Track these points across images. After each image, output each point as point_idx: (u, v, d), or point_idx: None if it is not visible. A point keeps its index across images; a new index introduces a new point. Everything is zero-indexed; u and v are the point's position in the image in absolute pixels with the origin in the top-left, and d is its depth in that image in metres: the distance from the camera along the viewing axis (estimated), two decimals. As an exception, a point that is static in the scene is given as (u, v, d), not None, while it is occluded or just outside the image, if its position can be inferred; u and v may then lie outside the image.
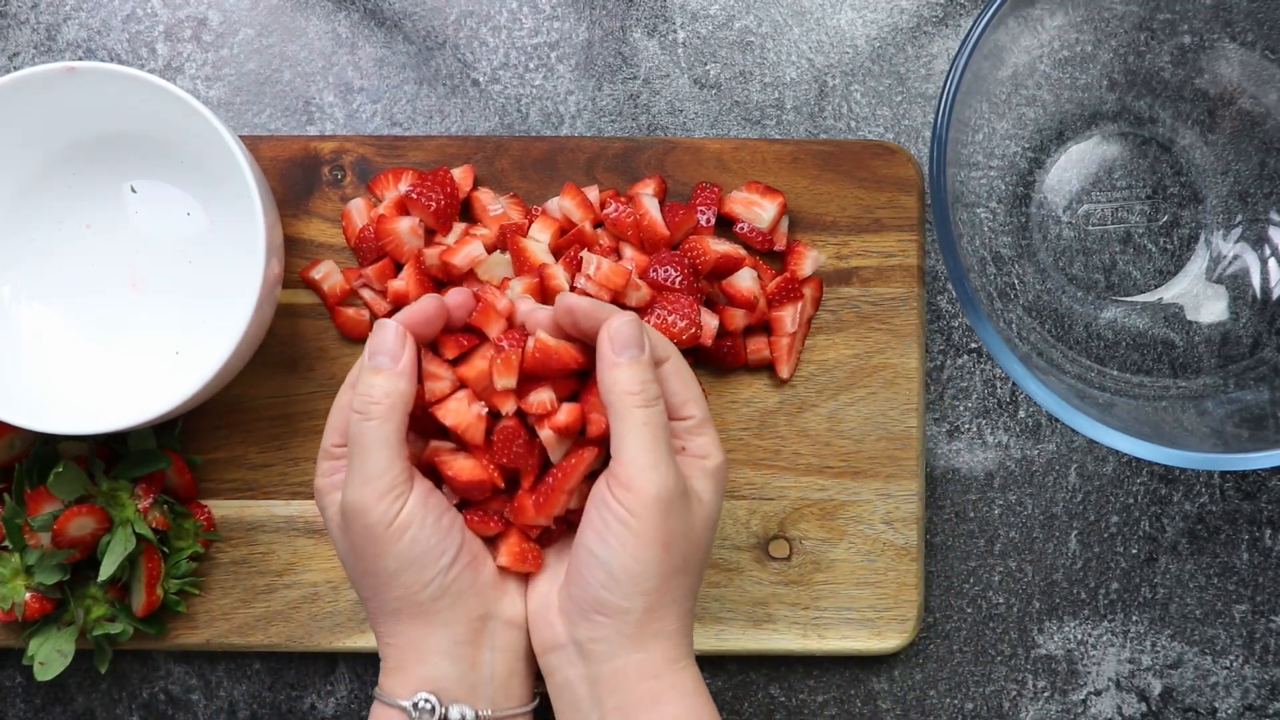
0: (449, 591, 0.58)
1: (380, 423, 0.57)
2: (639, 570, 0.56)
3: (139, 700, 0.75)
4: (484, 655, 0.59)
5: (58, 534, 0.68)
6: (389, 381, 0.57)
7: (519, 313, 0.61)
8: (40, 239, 0.73)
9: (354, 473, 0.57)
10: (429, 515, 0.58)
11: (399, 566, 0.57)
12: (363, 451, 0.57)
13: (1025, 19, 0.68)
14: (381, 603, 0.58)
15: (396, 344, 0.58)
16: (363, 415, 0.57)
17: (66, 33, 0.77)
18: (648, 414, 0.57)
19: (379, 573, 0.57)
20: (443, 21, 0.77)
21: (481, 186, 0.74)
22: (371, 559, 0.57)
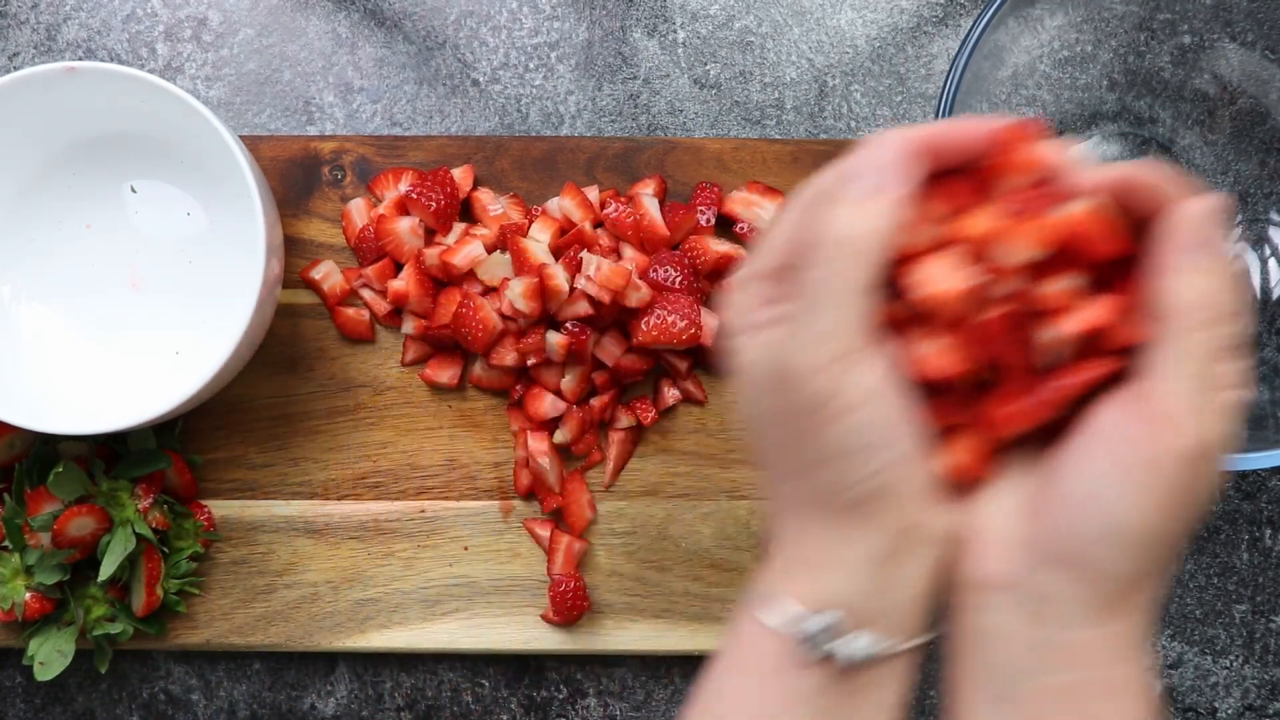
0: (885, 492, 0.44)
1: (850, 268, 0.43)
2: (1150, 532, 0.43)
3: (139, 700, 0.75)
4: (898, 575, 0.46)
5: (58, 534, 0.68)
6: (873, 218, 0.43)
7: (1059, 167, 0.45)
8: (40, 239, 0.73)
9: (804, 325, 0.44)
10: (885, 396, 0.44)
11: (834, 453, 0.44)
12: (819, 302, 0.43)
13: (1025, 19, 0.68)
14: (794, 490, 0.46)
15: (897, 166, 0.43)
16: (828, 256, 0.43)
17: (66, 33, 0.77)
18: (1209, 340, 0.43)
19: (804, 454, 0.45)
20: (443, 21, 0.77)
21: (481, 186, 0.74)
22: (800, 436, 0.44)
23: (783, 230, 0.46)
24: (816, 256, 0.44)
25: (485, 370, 0.73)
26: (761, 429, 0.46)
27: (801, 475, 0.45)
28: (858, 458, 0.44)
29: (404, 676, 0.75)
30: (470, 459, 0.73)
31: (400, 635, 0.73)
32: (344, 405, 0.74)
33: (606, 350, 0.71)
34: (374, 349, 0.74)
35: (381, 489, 0.73)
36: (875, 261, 0.43)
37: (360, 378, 0.74)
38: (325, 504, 0.73)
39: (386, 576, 0.73)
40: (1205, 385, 0.43)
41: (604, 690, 0.75)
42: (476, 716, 0.75)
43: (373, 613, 0.73)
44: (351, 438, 0.74)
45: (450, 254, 0.71)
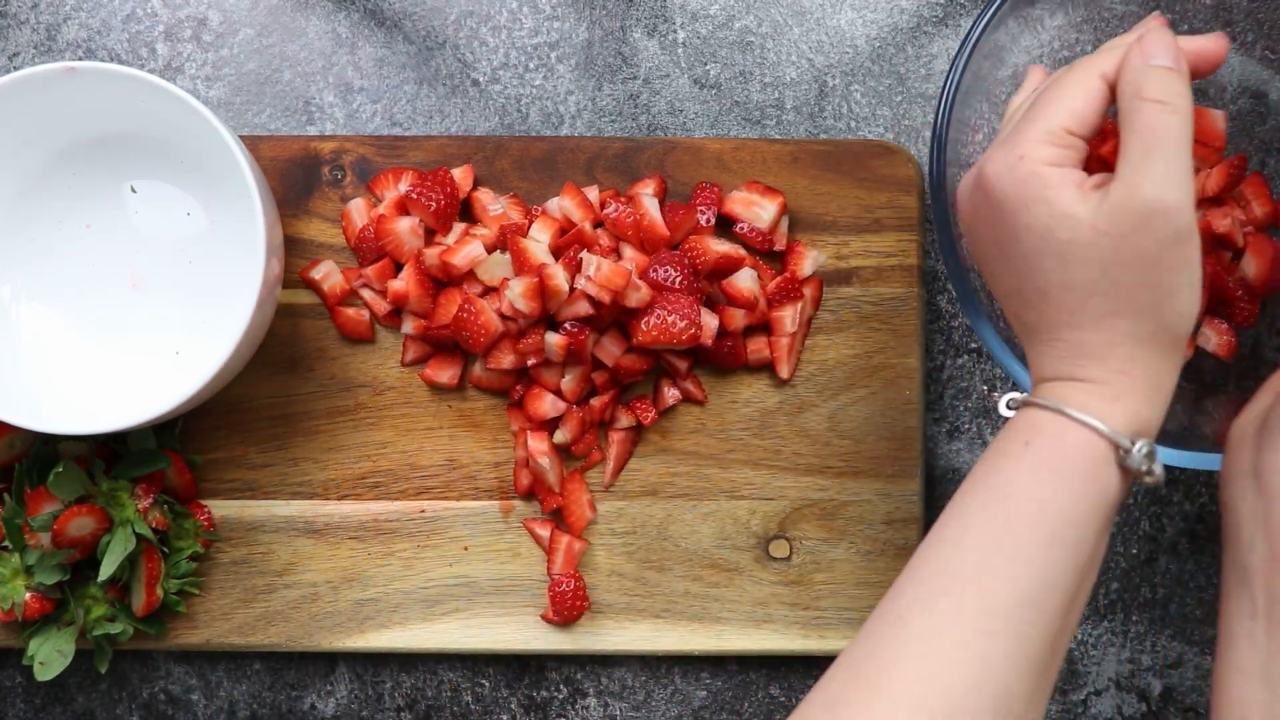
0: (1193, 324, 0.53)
1: (1186, 119, 0.50)
2: None
3: (139, 700, 0.75)
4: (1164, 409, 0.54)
5: (58, 534, 0.68)
6: (1183, 84, 0.51)
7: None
8: (40, 239, 0.73)
9: (1157, 167, 0.50)
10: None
11: (1178, 285, 0.51)
12: (1170, 146, 0.50)
13: (1025, 19, 0.68)
14: (1132, 324, 0.51)
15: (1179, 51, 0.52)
16: (1165, 107, 0.50)
17: (66, 33, 0.77)
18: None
19: (1153, 291, 0.51)
20: (443, 21, 0.77)
21: (481, 186, 0.74)
22: (1159, 269, 0.50)
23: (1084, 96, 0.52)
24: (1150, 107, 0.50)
25: (485, 370, 0.73)
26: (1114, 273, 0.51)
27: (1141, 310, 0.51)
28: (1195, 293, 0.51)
29: (404, 676, 0.75)
30: (470, 459, 0.73)
31: (400, 635, 0.73)
32: (344, 405, 0.74)
33: (606, 350, 0.71)
34: (374, 349, 0.74)
35: (381, 489, 0.73)
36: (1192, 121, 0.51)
37: (360, 378, 0.74)
38: (325, 504, 0.73)
39: (386, 576, 0.73)
40: None
41: (604, 690, 0.75)
42: (476, 716, 0.75)
43: (373, 613, 0.73)
44: (351, 438, 0.74)
45: (450, 254, 0.71)
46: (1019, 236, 0.52)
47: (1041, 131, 0.52)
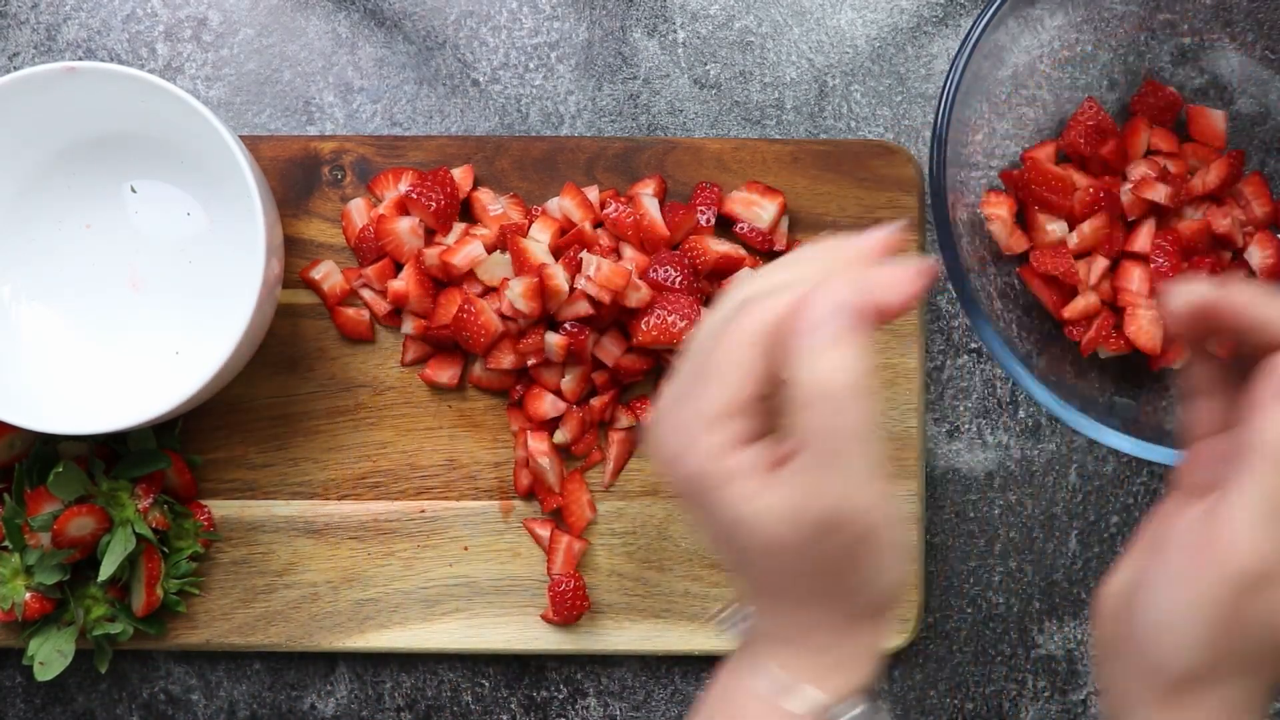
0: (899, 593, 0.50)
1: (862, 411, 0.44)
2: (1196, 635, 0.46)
3: (139, 700, 0.75)
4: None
5: (58, 534, 0.68)
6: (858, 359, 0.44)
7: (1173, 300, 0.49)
8: (40, 239, 0.73)
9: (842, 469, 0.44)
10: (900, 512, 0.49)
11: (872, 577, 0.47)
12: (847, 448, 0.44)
13: (1025, 19, 0.68)
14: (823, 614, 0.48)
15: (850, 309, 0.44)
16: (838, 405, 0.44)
17: (66, 33, 0.77)
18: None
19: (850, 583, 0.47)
20: (443, 21, 0.77)
21: (481, 186, 0.74)
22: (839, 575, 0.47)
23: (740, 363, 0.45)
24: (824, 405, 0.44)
25: (485, 370, 0.73)
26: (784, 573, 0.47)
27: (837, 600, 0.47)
28: (896, 571, 0.48)
29: (404, 676, 0.75)
30: (470, 459, 0.73)
31: (400, 635, 0.73)
32: (344, 405, 0.74)
33: (606, 350, 0.71)
34: (374, 349, 0.74)
35: (381, 489, 0.73)
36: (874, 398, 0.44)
37: (360, 378, 0.74)
38: (325, 504, 0.73)
39: (386, 576, 0.73)
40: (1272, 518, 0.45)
41: (604, 690, 0.75)
42: (476, 716, 0.75)
43: (373, 613, 0.73)
44: (351, 438, 0.74)
45: (450, 254, 0.70)
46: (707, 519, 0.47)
47: (705, 415, 0.45)
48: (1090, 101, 0.72)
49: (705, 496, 0.46)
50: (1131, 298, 0.71)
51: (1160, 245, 0.70)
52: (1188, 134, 0.73)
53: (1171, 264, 0.69)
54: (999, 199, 0.71)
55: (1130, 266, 0.71)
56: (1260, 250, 0.71)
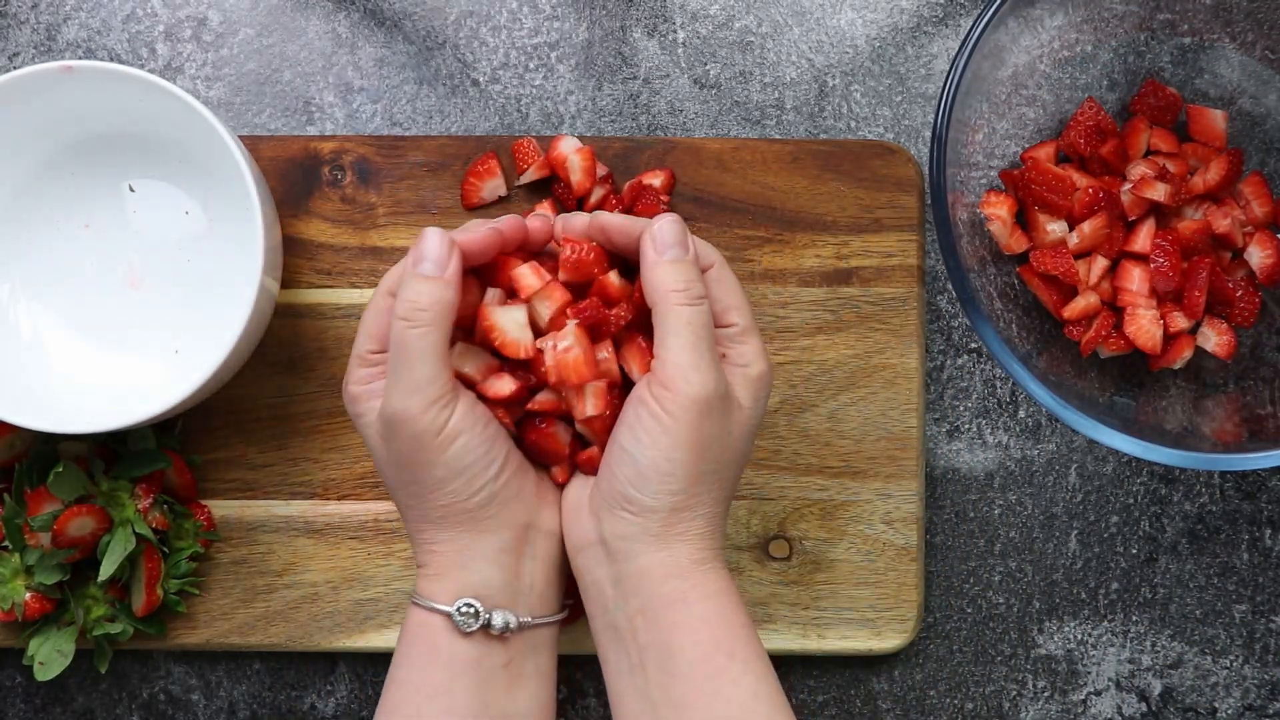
0: (497, 499, 0.58)
1: (427, 330, 0.56)
2: (668, 469, 0.56)
3: (139, 700, 0.75)
4: (525, 564, 0.59)
5: (58, 534, 0.68)
6: (436, 289, 0.56)
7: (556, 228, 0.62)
8: (39, 238, 0.73)
9: (398, 381, 0.56)
10: (477, 423, 0.57)
11: (447, 474, 0.57)
12: (408, 360, 0.56)
13: (1025, 19, 0.68)
14: (425, 510, 0.58)
15: (443, 252, 0.57)
16: (408, 322, 0.56)
17: (66, 33, 0.77)
18: (691, 313, 0.57)
19: (425, 481, 0.57)
20: (443, 21, 0.77)
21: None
22: (418, 467, 0.57)
23: (374, 316, 0.59)
24: (400, 324, 0.56)
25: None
26: (391, 471, 0.58)
27: (432, 496, 0.57)
28: (467, 475, 0.57)
29: (404, 676, 0.75)
30: (470, 459, 0.73)
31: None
32: (344, 405, 0.74)
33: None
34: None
35: (381, 489, 0.73)
36: (447, 320, 0.56)
37: (360, 378, 0.74)
38: (325, 504, 0.73)
39: (386, 576, 0.73)
40: (694, 347, 0.56)
41: (604, 690, 0.75)
42: (476, 716, 0.75)
43: (373, 613, 0.73)
44: (351, 438, 0.74)
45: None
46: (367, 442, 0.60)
47: (354, 358, 0.60)
48: (1090, 101, 0.72)
49: (356, 416, 0.60)
50: (1131, 298, 0.71)
51: (1160, 245, 0.70)
52: (1188, 134, 0.73)
53: (1171, 264, 0.70)
54: (999, 199, 0.71)
55: (1130, 266, 0.71)
56: (1260, 250, 0.71)
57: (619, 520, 0.57)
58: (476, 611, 0.57)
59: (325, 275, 0.74)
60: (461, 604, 0.57)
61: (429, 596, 0.58)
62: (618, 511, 0.57)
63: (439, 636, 0.58)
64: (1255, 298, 0.71)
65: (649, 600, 0.57)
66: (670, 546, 0.57)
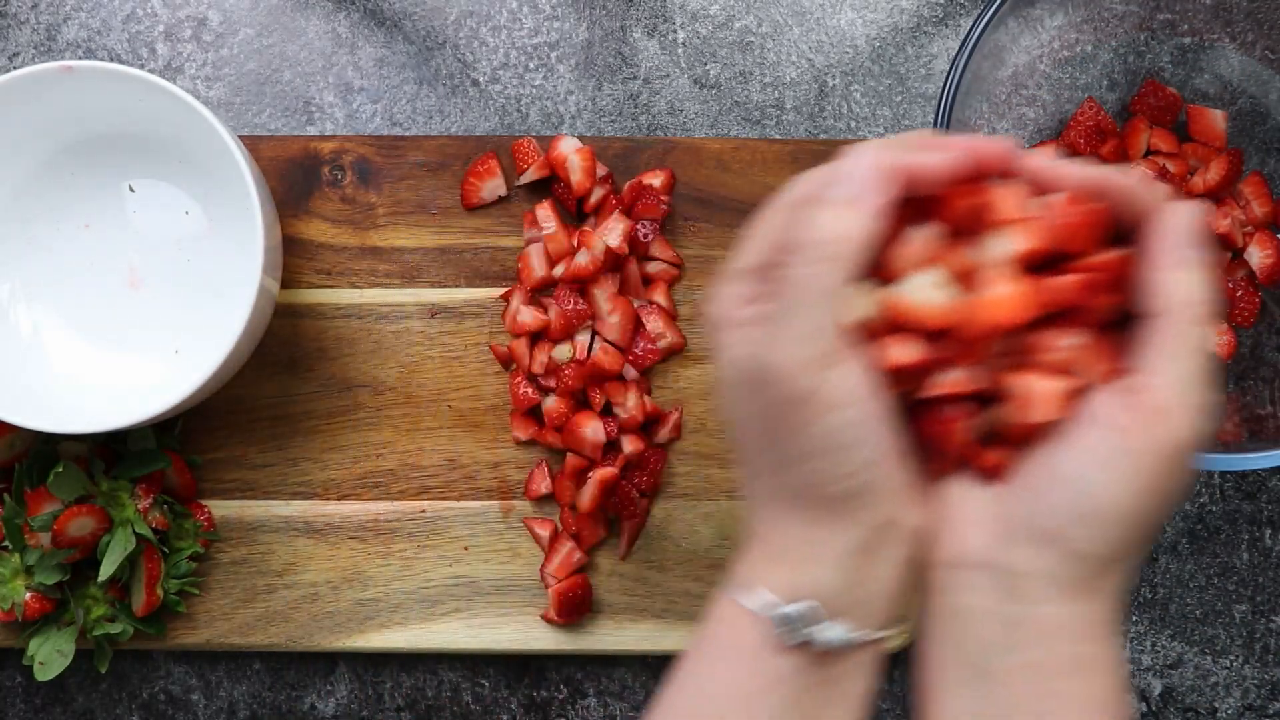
0: (864, 490, 0.46)
1: (829, 270, 0.44)
2: (1129, 518, 0.45)
3: (139, 700, 0.75)
4: (872, 569, 0.47)
5: (58, 534, 0.68)
6: (851, 222, 0.44)
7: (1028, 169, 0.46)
8: (39, 238, 0.73)
9: (784, 325, 0.45)
10: (864, 395, 0.45)
11: (815, 449, 0.45)
12: (800, 301, 0.44)
13: (1025, 19, 0.68)
14: (775, 484, 0.47)
15: (872, 177, 0.44)
16: (807, 257, 0.44)
17: (66, 33, 0.77)
18: (1202, 336, 0.45)
19: (787, 450, 0.46)
20: (443, 21, 0.77)
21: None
22: (782, 433, 0.46)
23: (766, 228, 0.47)
24: (797, 257, 0.44)
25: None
26: (742, 425, 0.47)
27: (781, 471, 0.47)
28: (838, 456, 0.45)
29: (404, 676, 0.75)
30: (470, 459, 0.73)
31: (400, 635, 0.73)
32: (344, 405, 0.74)
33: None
34: (373, 349, 0.74)
35: (381, 489, 0.73)
36: (852, 265, 0.44)
37: (360, 378, 0.74)
38: (325, 504, 0.73)
39: (386, 576, 0.73)
40: (1194, 380, 0.45)
41: (604, 690, 0.75)
42: (476, 716, 0.75)
43: (373, 613, 0.73)
44: (351, 438, 0.74)
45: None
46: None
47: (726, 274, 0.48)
48: (1090, 101, 0.72)
49: (714, 344, 0.48)
50: None
51: None
52: (1188, 134, 0.73)
53: None
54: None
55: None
56: (1260, 250, 0.71)
57: (1034, 555, 0.46)
58: (804, 621, 0.46)
59: (325, 275, 0.74)
60: (789, 610, 0.46)
61: (749, 588, 0.47)
62: (1036, 544, 0.46)
63: (748, 637, 0.47)
64: (1255, 298, 0.71)
65: (1046, 658, 0.46)
66: (1088, 601, 0.46)
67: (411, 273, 0.74)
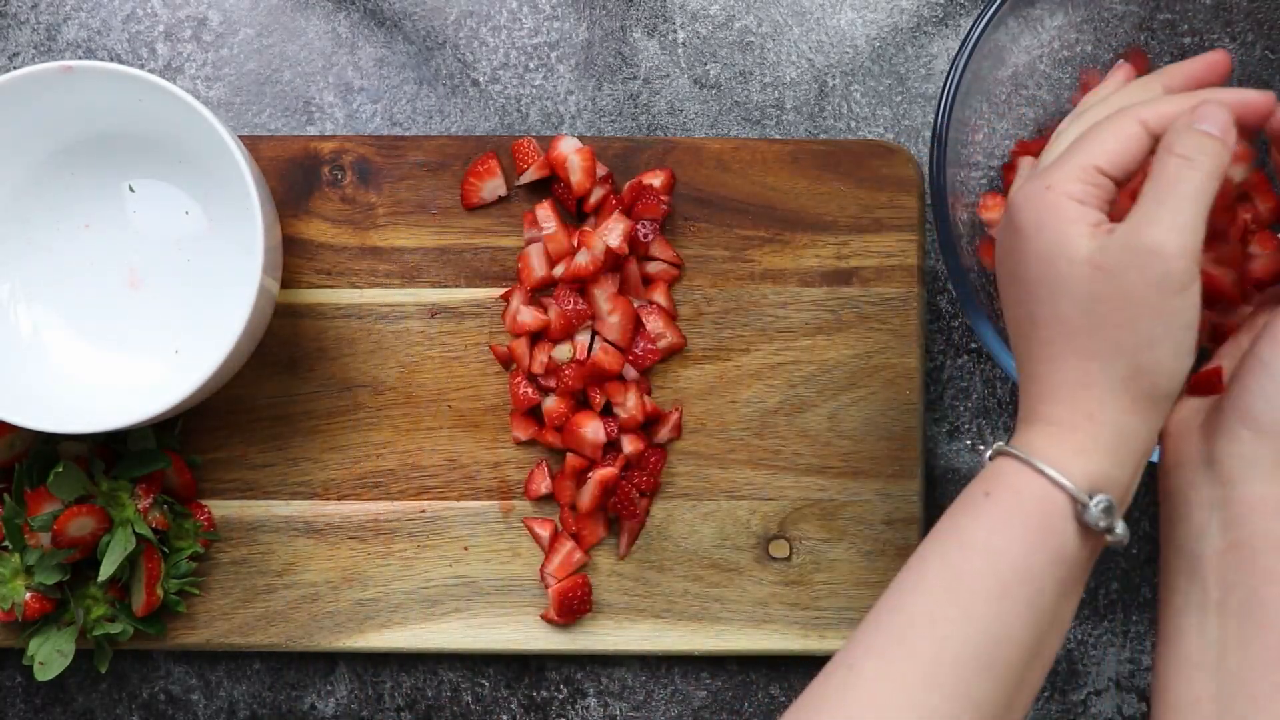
0: (1177, 390, 0.52)
1: (1207, 177, 0.50)
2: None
3: (139, 700, 0.75)
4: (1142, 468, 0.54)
5: (58, 534, 0.68)
6: (1219, 148, 0.51)
7: None
8: (39, 238, 0.73)
9: (1163, 213, 0.50)
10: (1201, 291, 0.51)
11: (1161, 334, 0.50)
12: (1180, 196, 0.50)
13: (1025, 19, 0.68)
14: (1115, 369, 0.51)
15: (1228, 121, 0.52)
16: (1189, 161, 0.50)
17: (66, 33, 0.77)
18: None
19: (1134, 334, 0.50)
20: (443, 21, 0.77)
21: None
22: (1141, 313, 0.50)
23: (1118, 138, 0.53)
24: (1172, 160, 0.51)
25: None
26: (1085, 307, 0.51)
27: (1125, 355, 0.51)
28: (1183, 345, 0.51)
29: (404, 676, 0.75)
30: (470, 459, 0.73)
31: (400, 635, 0.73)
32: (344, 405, 0.74)
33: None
34: (373, 349, 0.74)
35: (381, 489, 0.73)
36: (1218, 183, 0.51)
37: (360, 378, 0.74)
38: (325, 504, 0.73)
39: (386, 576, 0.73)
40: None
41: (604, 690, 0.75)
42: (476, 716, 0.75)
43: (373, 613, 0.73)
44: (351, 438, 0.74)
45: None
46: (1027, 262, 0.52)
47: (1074, 167, 0.52)
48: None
49: (1044, 231, 0.52)
50: None
51: None
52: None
53: None
54: (999, 199, 0.71)
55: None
56: (1261, 250, 0.71)
57: (1239, 440, 0.52)
58: (1110, 508, 0.51)
59: (325, 275, 0.74)
60: (1105, 499, 0.51)
61: (1063, 469, 0.51)
62: (1240, 430, 0.52)
63: (1056, 521, 0.51)
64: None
65: (1251, 536, 0.52)
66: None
67: (411, 273, 0.74)
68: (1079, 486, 0.50)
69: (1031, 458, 0.51)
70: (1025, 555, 0.51)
